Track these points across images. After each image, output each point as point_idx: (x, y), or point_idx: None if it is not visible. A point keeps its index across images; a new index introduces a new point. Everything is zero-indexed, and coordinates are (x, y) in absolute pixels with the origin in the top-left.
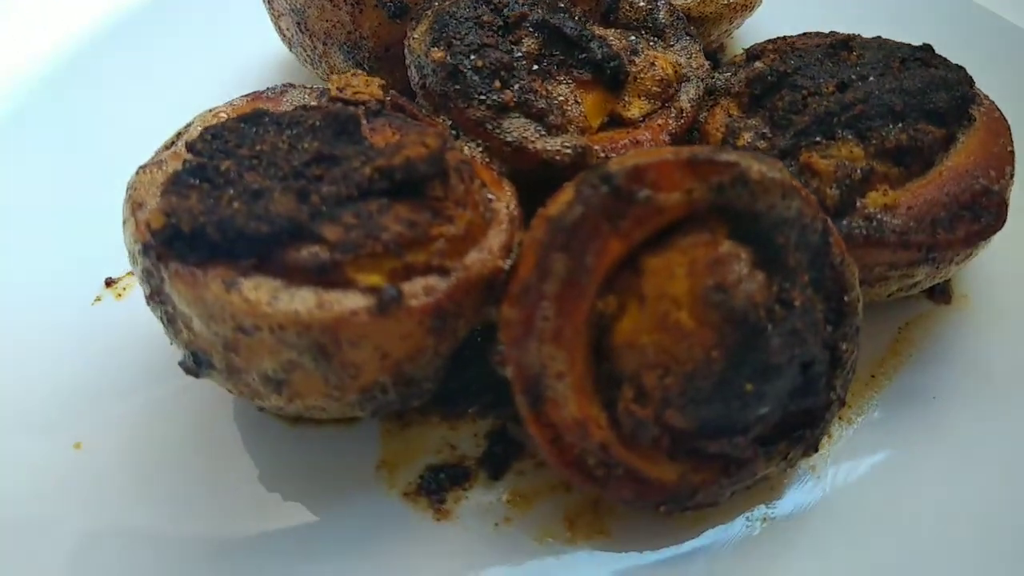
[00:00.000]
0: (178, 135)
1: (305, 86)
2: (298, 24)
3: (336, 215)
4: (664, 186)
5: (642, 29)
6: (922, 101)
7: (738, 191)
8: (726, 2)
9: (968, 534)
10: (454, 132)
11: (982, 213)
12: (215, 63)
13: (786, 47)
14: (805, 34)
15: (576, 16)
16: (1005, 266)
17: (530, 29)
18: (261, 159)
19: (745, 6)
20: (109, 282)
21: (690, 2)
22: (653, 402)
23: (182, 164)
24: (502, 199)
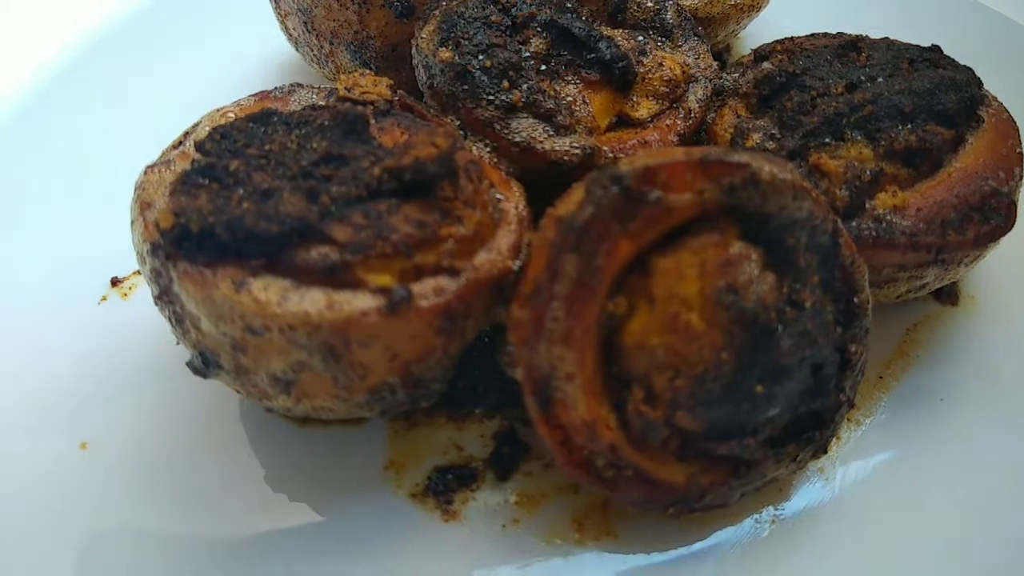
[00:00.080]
0: (186, 134)
1: (313, 86)
2: (305, 23)
3: (345, 215)
4: (675, 187)
5: (650, 29)
6: (931, 102)
7: (749, 192)
8: (733, 2)
9: (976, 535)
10: (462, 132)
11: (991, 215)
12: (221, 62)
13: (794, 48)
14: (813, 35)
15: (584, 16)
16: (1012, 268)
17: (538, 29)
18: (270, 159)
19: (752, 7)
20: (115, 282)
21: (697, 2)
22: (663, 403)
23: (191, 164)
24: (511, 199)
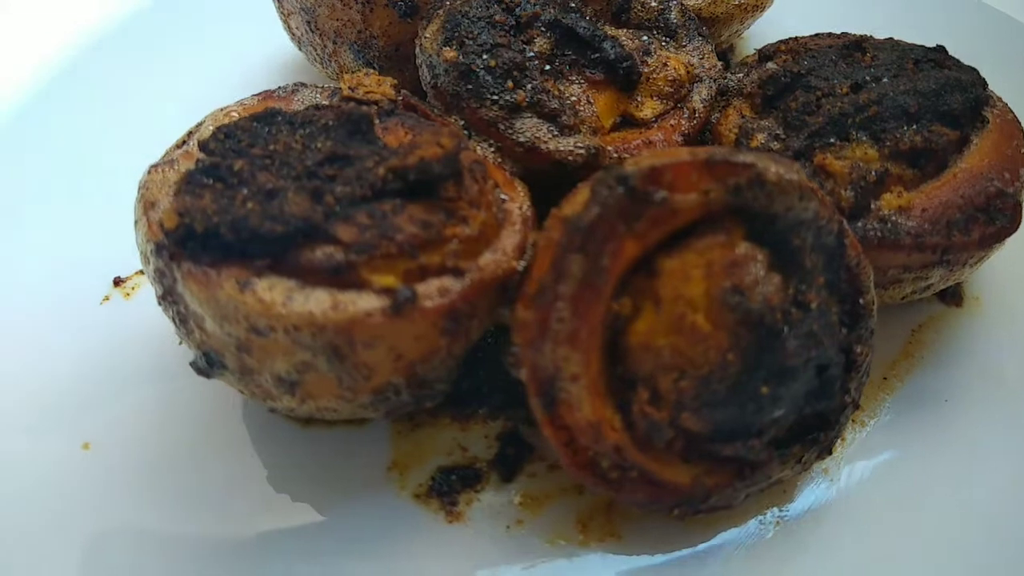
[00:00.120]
0: (189, 134)
1: (316, 85)
2: (308, 23)
3: (350, 215)
4: (681, 187)
5: (654, 29)
6: (936, 103)
7: (755, 192)
8: (737, 2)
9: (980, 537)
10: (466, 132)
11: (996, 215)
12: (223, 62)
13: (799, 48)
14: (817, 35)
15: (588, 16)
16: (1017, 269)
17: (542, 29)
18: (274, 159)
19: (756, 6)
20: (118, 281)
21: (701, 2)
22: (668, 404)
23: (195, 163)
24: (515, 199)
